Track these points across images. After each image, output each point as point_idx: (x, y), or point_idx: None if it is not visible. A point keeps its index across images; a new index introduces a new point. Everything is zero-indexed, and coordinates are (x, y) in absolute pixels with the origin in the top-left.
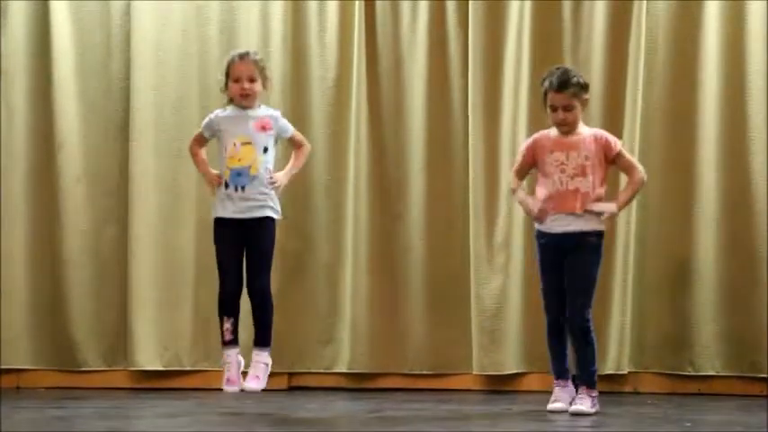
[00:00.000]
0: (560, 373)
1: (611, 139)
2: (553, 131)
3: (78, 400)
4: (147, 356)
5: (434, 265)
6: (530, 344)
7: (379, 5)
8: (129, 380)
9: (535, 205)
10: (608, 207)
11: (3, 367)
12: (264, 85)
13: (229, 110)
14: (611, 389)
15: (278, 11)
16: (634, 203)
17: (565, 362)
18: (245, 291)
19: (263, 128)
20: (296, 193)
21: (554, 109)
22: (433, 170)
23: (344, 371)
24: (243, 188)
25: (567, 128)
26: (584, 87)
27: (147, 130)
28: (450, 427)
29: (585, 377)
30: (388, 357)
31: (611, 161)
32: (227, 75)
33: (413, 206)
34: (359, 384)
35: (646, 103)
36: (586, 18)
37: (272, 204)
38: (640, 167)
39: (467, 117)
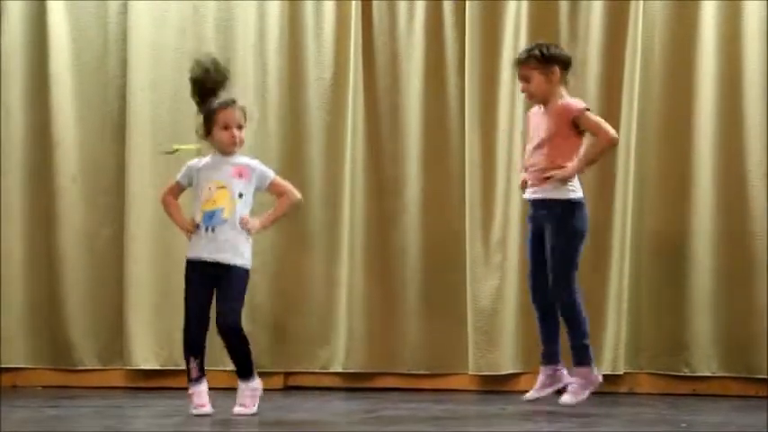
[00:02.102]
0: (546, 357)
1: (571, 103)
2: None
3: (75, 399)
4: (144, 356)
5: (430, 265)
6: (526, 344)
7: (375, 5)
8: (126, 379)
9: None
10: (559, 171)
11: (0, 366)
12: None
13: (208, 158)
14: (607, 389)
15: (275, 10)
16: (630, 204)
17: (551, 345)
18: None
19: (240, 174)
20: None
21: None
22: (429, 169)
23: (340, 371)
24: (213, 229)
25: (531, 100)
26: (547, 59)
27: (144, 129)
28: (445, 427)
29: (575, 354)
30: (383, 357)
31: (578, 126)
32: (212, 121)
33: (409, 205)
34: (355, 384)
35: (642, 103)
36: (583, 17)
37: (242, 251)
38: (608, 128)
39: (463, 116)
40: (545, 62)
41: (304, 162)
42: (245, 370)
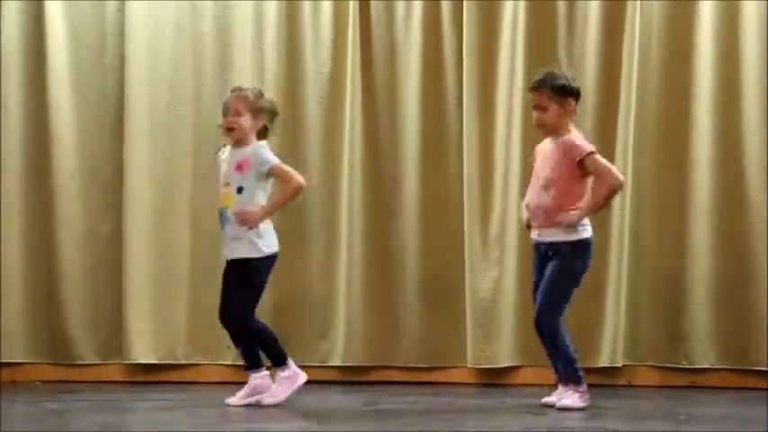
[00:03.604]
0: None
1: (579, 144)
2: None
3: (74, 394)
4: (142, 350)
5: (429, 259)
6: (524, 337)
7: (373, 3)
8: (124, 373)
9: (523, 216)
10: (567, 218)
11: None
12: (256, 119)
13: (229, 149)
14: (606, 382)
15: (272, 6)
16: (628, 197)
17: (552, 360)
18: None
19: (239, 167)
20: None
21: (532, 108)
22: (427, 165)
23: (339, 364)
24: (224, 228)
25: (542, 129)
26: (564, 90)
27: (142, 126)
28: (444, 420)
29: (561, 374)
30: (382, 351)
31: (583, 167)
32: None
33: (407, 200)
34: (353, 378)
35: (640, 101)
36: (581, 13)
37: (246, 245)
38: (614, 172)
39: (461, 112)
40: (562, 94)
41: (302, 157)
42: (257, 359)
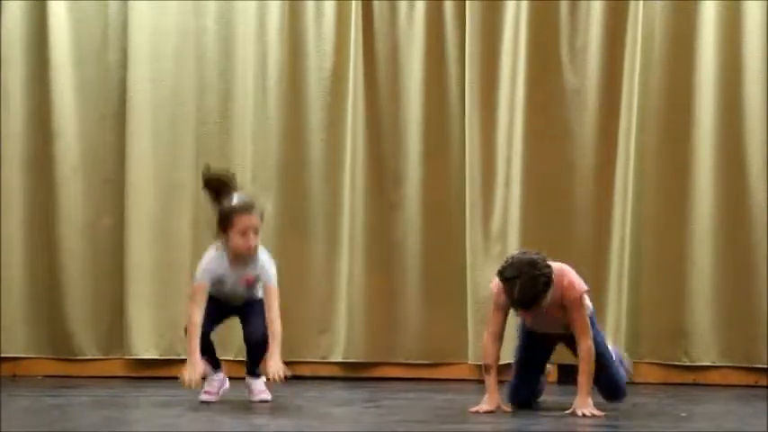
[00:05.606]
0: None
1: None
2: None
3: (75, 389)
4: (144, 345)
5: (430, 255)
6: None
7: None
8: (126, 368)
9: None
10: None
11: (0, 355)
12: None
13: (225, 259)
14: None
15: (275, 2)
16: (630, 193)
17: None
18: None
19: (247, 282)
20: (293, 180)
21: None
22: (429, 160)
23: (340, 360)
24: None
25: None
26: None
27: (144, 120)
28: (445, 416)
29: None
30: (383, 347)
31: None
32: (229, 224)
33: (409, 195)
34: (354, 374)
35: (642, 100)
36: (583, 10)
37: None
38: None
39: (464, 106)
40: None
41: (304, 152)
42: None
